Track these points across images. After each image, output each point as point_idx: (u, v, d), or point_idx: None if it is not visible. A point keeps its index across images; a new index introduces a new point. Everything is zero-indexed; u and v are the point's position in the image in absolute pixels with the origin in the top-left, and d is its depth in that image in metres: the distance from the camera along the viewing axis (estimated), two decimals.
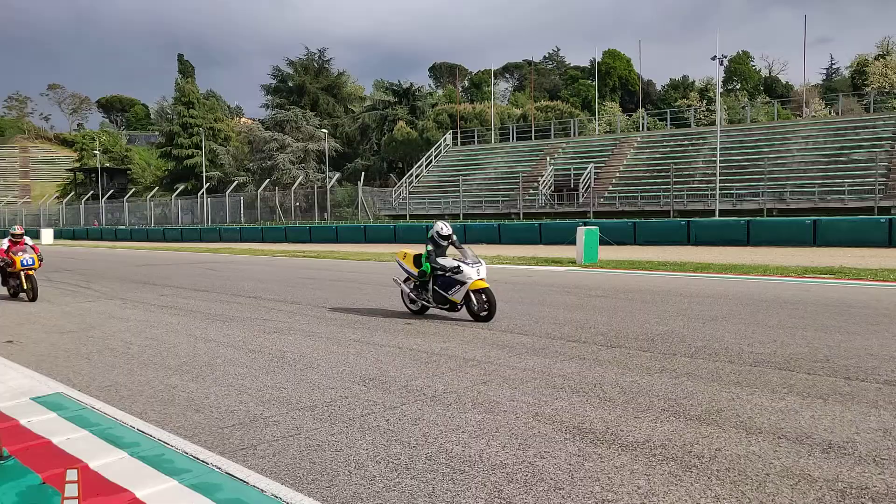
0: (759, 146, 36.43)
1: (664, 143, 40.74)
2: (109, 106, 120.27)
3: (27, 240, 11.58)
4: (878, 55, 62.43)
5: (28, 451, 3.67)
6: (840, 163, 32.54)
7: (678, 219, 26.99)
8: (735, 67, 72.12)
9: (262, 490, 3.19)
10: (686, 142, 39.98)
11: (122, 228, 51.09)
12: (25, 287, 11.22)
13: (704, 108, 56.16)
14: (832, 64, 79.85)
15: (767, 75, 76.85)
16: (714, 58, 31.30)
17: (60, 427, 4.15)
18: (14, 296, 11.57)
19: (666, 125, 48.37)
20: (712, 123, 45.19)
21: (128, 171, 76.78)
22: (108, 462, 3.53)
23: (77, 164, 79.04)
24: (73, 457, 3.60)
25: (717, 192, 30.23)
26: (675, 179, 33.22)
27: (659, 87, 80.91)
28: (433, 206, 41.70)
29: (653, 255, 17.58)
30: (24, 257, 11.11)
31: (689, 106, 55.80)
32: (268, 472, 3.45)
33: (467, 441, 3.79)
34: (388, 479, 3.30)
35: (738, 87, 71.40)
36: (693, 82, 72.20)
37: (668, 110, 50.79)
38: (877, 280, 11.12)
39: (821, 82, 75.11)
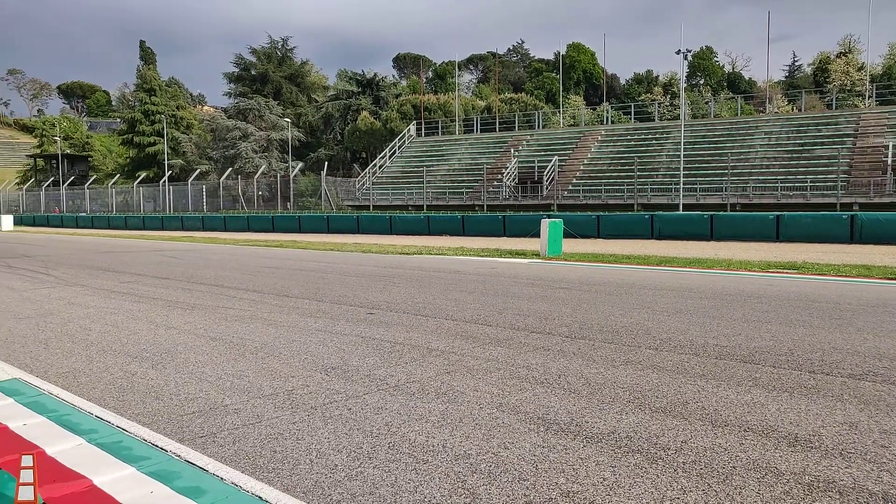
0: (723, 141, 37.11)
1: (628, 137, 41.23)
2: (70, 92, 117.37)
3: None
4: (840, 53, 64.00)
5: None
6: (802, 159, 33.34)
7: (642, 212, 27.35)
8: (698, 63, 73.31)
9: (221, 478, 3.11)
10: (650, 136, 40.50)
11: (83, 216, 49.76)
12: None
13: (668, 103, 56.95)
14: (794, 61, 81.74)
15: (731, 71, 78.34)
16: (678, 52, 31.71)
17: (17, 413, 4.05)
18: None
19: (630, 119, 48.95)
20: (676, 118, 45.89)
21: (89, 158, 74.96)
22: (66, 448, 3.44)
23: (37, 151, 76.88)
24: (30, 443, 3.51)
25: (681, 186, 30.71)
26: (638, 173, 33.62)
27: (623, 82, 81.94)
28: (396, 196, 41.56)
29: (616, 248, 17.77)
30: None
31: (652, 100, 56.54)
32: (227, 460, 3.36)
33: (430, 431, 3.75)
34: (350, 469, 3.24)
35: (701, 82, 72.60)
36: (657, 77, 73.25)
37: (632, 104, 51.41)
38: (839, 275, 11.36)
39: (783, 79, 76.84)
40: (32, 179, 72.05)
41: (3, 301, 9.34)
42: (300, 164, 52.10)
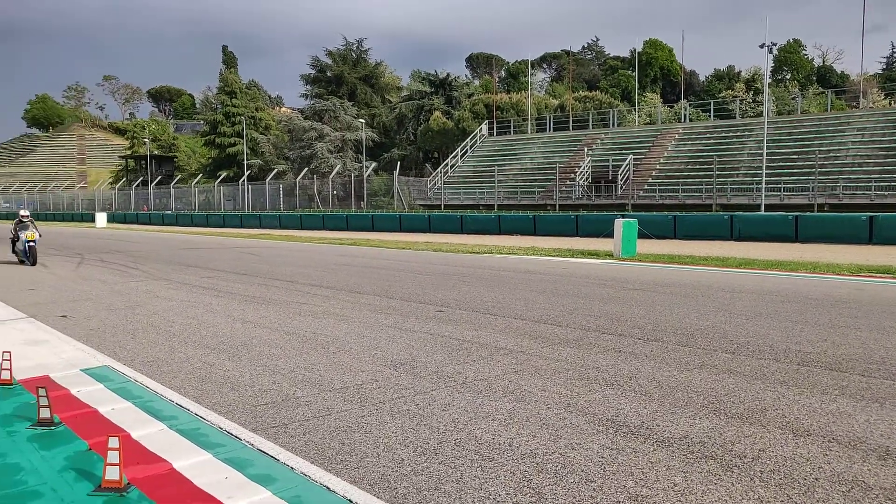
0: (810, 138, 35.31)
1: (707, 135, 39.86)
2: (158, 96, 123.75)
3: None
4: None
5: (77, 419, 3.87)
6: None
7: (721, 213, 26.38)
8: (785, 56, 69.87)
9: (291, 468, 3.20)
10: (731, 133, 39.04)
11: (169, 213, 52.23)
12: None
13: (751, 100, 54.65)
14: (893, 52, 76.81)
15: (821, 65, 74.28)
16: (762, 45, 30.32)
17: (106, 398, 4.33)
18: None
19: (709, 117, 47.24)
20: (759, 115, 43.98)
21: (174, 159, 78.58)
22: (149, 433, 3.65)
23: (128, 152, 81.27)
24: (117, 426, 3.74)
25: (763, 185, 29.41)
26: (718, 172, 32.42)
27: (702, 78, 79.17)
28: (468, 196, 41.60)
29: (693, 250, 17.21)
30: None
31: (734, 97, 54.42)
32: (298, 450, 3.46)
33: (497, 429, 3.73)
34: (416, 463, 3.26)
35: (787, 77, 69.19)
36: (739, 73, 70.27)
37: (712, 101, 49.60)
38: None
39: (880, 71, 72.30)
40: (124, 179, 76.26)
41: (97, 293, 9.93)
42: (374, 164, 52.98)
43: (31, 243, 14.02)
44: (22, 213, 14.75)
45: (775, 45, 33.11)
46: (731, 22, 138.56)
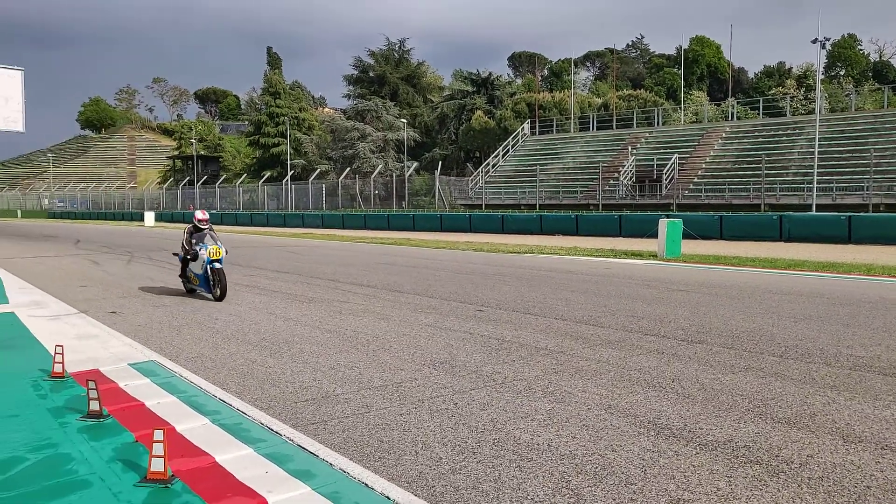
0: (865, 136, 34.12)
1: (756, 133, 38.89)
2: (205, 97, 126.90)
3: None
4: None
5: (124, 412, 3.99)
6: None
7: (769, 213, 25.70)
8: (839, 52, 67.61)
9: (330, 464, 3.23)
10: (780, 132, 37.99)
11: (213, 213, 53.34)
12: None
13: (802, 97, 53.06)
14: None
15: (877, 60, 71.62)
16: (815, 41, 29.41)
17: (152, 392, 4.46)
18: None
19: (758, 114, 46.06)
20: (810, 112, 42.69)
21: (220, 159, 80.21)
22: (193, 427, 3.74)
23: (176, 152, 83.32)
24: (162, 419, 3.85)
25: (815, 185, 28.53)
26: (766, 171, 31.58)
27: (751, 75, 77.23)
28: (509, 195, 41.43)
29: (740, 251, 16.80)
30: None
31: (784, 94, 52.91)
32: (337, 447, 3.49)
33: (536, 429, 3.70)
34: (454, 462, 3.26)
35: (842, 73, 66.92)
36: (790, 69, 68.31)
37: (761, 99, 48.32)
38: None
39: None
40: (171, 179, 78.30)
41: (145, 290, 10.20)
42: (415, 164, 53.24)
43: (217, 264, 9.00)
44: (199, 215, 9.63)
45: (828, 40, 32.07)
46: (782, 17, 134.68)
